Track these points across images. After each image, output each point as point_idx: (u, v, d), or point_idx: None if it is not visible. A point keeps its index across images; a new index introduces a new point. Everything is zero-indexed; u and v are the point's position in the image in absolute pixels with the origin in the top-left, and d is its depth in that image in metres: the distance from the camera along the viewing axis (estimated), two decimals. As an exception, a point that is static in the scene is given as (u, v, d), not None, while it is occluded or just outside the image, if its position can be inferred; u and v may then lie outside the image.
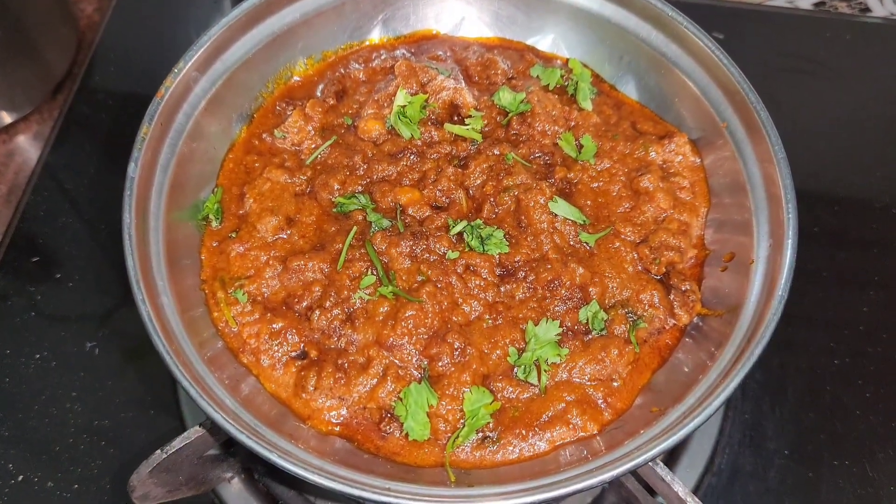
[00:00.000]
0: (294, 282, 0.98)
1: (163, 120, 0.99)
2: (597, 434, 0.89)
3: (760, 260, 0.94)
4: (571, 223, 1.01)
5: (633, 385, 0.93)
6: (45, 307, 1.27)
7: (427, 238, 0.98)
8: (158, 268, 0.92)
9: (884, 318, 1.30)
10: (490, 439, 0.88)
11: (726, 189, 1.06)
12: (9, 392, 1.20)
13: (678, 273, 1.00)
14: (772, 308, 0.86)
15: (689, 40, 1.07)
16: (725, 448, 1.18)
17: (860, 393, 1.23)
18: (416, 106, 1.09)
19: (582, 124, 1.12)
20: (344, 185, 1.05)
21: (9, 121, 1.57)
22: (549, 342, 0.92)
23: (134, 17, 1.67)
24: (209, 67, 1.08)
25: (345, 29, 1.22)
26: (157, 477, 0.91)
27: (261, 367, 0.93)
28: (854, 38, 1.64)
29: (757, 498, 1.15)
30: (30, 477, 1.13)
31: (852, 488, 1.15)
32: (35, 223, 1.43)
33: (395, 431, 0.89)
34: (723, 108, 1.07)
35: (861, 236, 1.38)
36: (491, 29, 1.26)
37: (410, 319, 0.93)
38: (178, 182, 1.02)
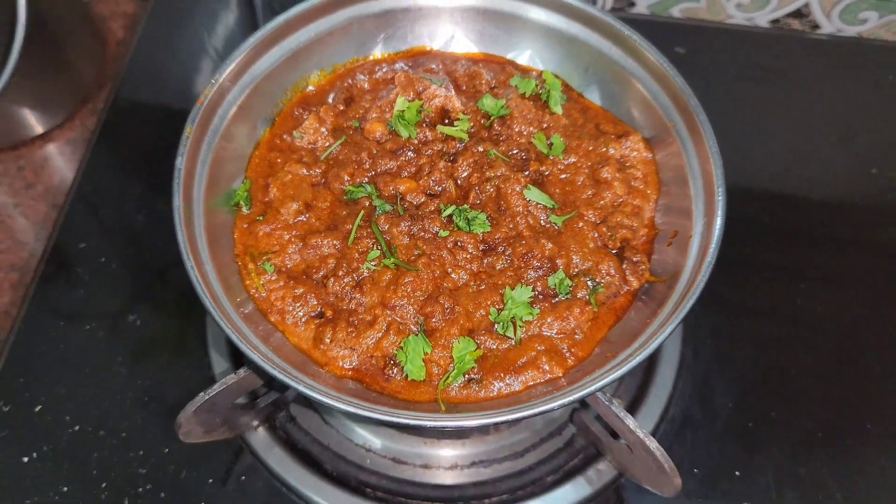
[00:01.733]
0: (312, 256, 1.09)
1: (202, 122, 1.10)
2: (561, 376, 1.01)
3: (696, 236, 1.05)
4: (543, 207, 1.12)
5: (593, 338, 1.05)
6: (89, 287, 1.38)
7: (423, 219, 1.10)
8: (202, 243, 1.04)
9: (819, 294, 1.39)
10: (474, 381, 1.00)
11: (673, 180, 1.15)
12: (63, 358, 1.29)
13: (631, 248, 1.12)
14: (702, 272, 0.98)
15: (643, 55, 1.17)
16: (679, 401, 1.27)
17: (795, 355, 1.32)
18: (412, 110, 1.19)
19: (553, 126, 1.22)
20: (353, 177, 1.16)
21: (42, 129, 1.63)
22: (523, 303, 1.03)
23: (161, 36, 1.72)
24: (239, 79, 1.17)
25: (352, 46, 1.29)
26: (199, 416, 1.02)
27: (285, 324, 1.05)
28: (805, 51, 1.72)
29: (704, 441, 1.24)
30: (84, 427, 1.23)
31: (787, 435, 1.25)
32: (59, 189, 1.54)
33: (397, 375, 1.01)
34: (670, 112, 1.15)
35: (803, 226, 1.48)
36: (476, 45, 1.33)
37: (409, 285, 1.04)
38: (214, 174, 1.12)
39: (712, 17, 1.81)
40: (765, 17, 1.78)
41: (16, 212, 1.60)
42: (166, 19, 1.75)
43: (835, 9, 1.72)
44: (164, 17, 1.75)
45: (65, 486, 1.18)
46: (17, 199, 1.61)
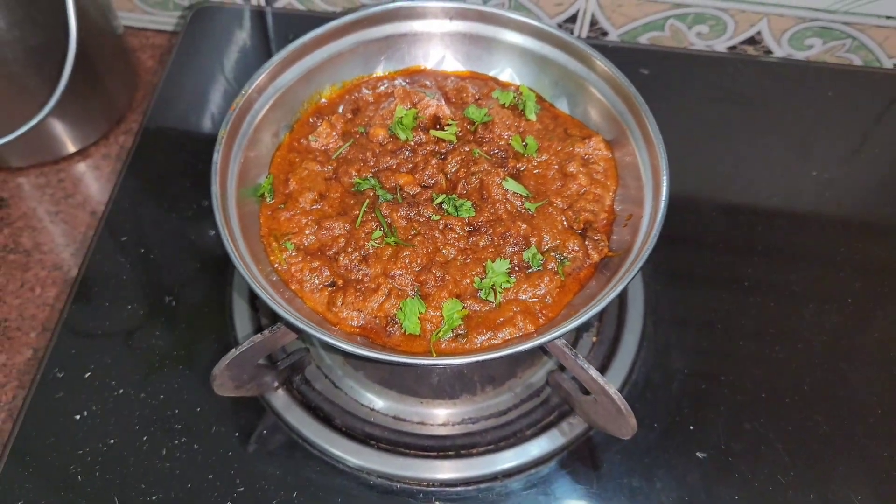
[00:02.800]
0: (325, 236, 1.20)
1: (233, 126, 1.25)
2: (534, 332, 1.12)
3: (646, 216, 1.20)
4: (519, 196, 1.23)
5: (560, 302, 1.17)
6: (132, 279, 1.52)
7: (418, 206, 1.24)
8: (235, 225, 1.19)
9: (763, 276, 1.51)
10: (461, 336, 1.12)
11: (629, 174, 1.28)
12: (109, 334, 1.40)
13: (593, 229, 1.26)
14: (648, 244, 1.13)
15: (602, 69, 1.32)
16: (641, 367, 1.39)
17: (743, 328, 1.44)
18: (409, 117, 1.31)
19: (528, 130, 1.33)
20: (359, 172, 1.27)
21: (74, 149, 1.76)
22: (502, 273, 1.16)
23: (187, 66, 1.83)
24: (263, 91, 1.29)
25: (358, 65, 1.42)
26: (231, 370, 1.13)
27: (304, 291, 1.17)
28: (758, 74, 1.84)
29: (663, 401, 1.35)
30: (128, 390, 1.34)
31: (734, 397, 1.35)
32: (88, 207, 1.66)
33: (397, 331, 1.13)
34: (626, 117, 1.28)
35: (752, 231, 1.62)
36: (463, 65, 1.46)
37: (406, 258, 1.16)
38: (243, 170, 1.25)
39: (676, 44, 1.98)
40: (723, 44, 1.91)
41: (57, 219, 1.77)
42: (193, 52, 1.86)
43: (784, 36, 1.87)
44: (191, 51, 1.86)
45: (111, 439, 1.33)
46: (59, 207, 1.79)
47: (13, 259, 1.65)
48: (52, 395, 1.38)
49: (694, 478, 1.27)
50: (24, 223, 1.70)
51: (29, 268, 1.64)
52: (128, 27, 2.12)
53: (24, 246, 1.67)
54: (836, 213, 1.63)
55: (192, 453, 1.28)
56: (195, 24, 1.90)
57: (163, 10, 2.02)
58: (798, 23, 1.82)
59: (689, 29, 1.88)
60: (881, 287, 1.51)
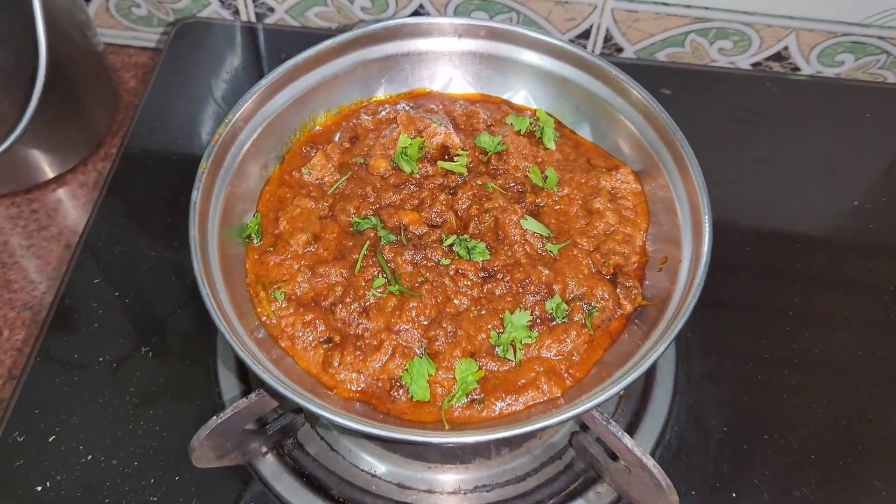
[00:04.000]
0: (320, 284, 1.13)
1: (216, 160, 1.15)
2: (560, 396, 1.04)
3: (685, 262, 1.10)
4: (539, 236, 1.16)
5: (589, 359, 1.08)
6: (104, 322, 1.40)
7: (425, 249, 1.14)
8: (216, 273, 1.08)
9: (806, 318, 1.42)
10: (477, 401, 1.03)
11: (662, 210, 1.20)
12: (79, 388, 1.30)
13: (624, 273, 1.16)
14: (691, 295, 1.03)
15: (630, 93, 1.22)
16: (674, 426, 1.27)
17: (785, 380, 1.34)
18: (414, 147, 1.24)
19: (547, 160, 1.27)
20: (358, 210, 1.20)
21: (56, 173, 1.67)
22: (522, 327, 1.07)
23: (172, 87, 1.76)
24: (251, 119, 1.21)
25: (356, 88, 1.34)
26: (212, 440, 1.03)
27: (295, 349, 1.08)
28: (785, 92, 1.76)
29: (700, 465, 1.24)
30: (97, 457, 1.23)
31: (779, 457, 1.25)
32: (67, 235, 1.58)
33: (403, 396, 1.04)
34: (657, 146, 1.20)
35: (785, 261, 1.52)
36: (473, 87, 1.38)
37: (413, 310, 1.07)
38: (227, 208, 1.16)
39: (696, 61, 1.88)
40: (746, 61, 1.83)
41: (29, 253, 1.65)
42: (177, 71, 1.79)
43: (813, 51, 1.79)
44: (175, 69, 1.79)
45: None
46: (31, 240, 1.66)
47: (-21, 298, 1.54)
48: (12, 462, 1.24)
49: (739, 555, 1.17)
50: (-7, 258, 1.58)
51: (-4, 308, 1.52)
52: (109, 44, 2.04)
53: (-8, 284, 1.56)
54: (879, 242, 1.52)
55: (169, 531, 1.17)
56: (180, 40, 1.82)
57: (146, 27, 1.94)
58: (828, 38, 1.74)
59: (711, 45, 1.81)
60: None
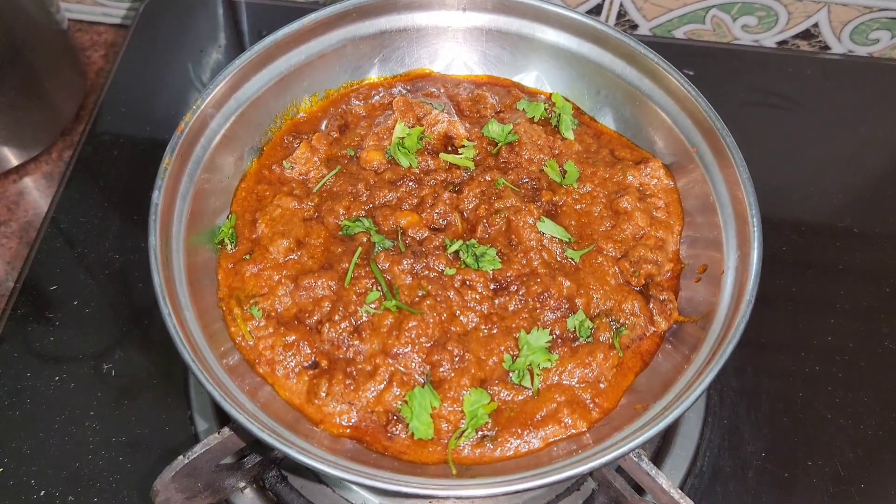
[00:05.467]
0: (304, 298, 1.01)
1: (182, 152, 1.03)
2: (586, 431, 0.93)
3: (730, 270, 0.99)
4: (558, 241, 1.06)
5: (619, 386, 0.97)
6: (62, 333, 1.29)
7: (426, 256, 1.02)
8: (181, 286, 0.96)
9: (850, 328, 1.34)
10: (488, 437, 0.92)
11: (698, 208, 1.10)
12: (30, 413, 1.21)
13: (656, 284, 1.05)
14: (740, 312, 0.91)
15: (660, 74, 1.13)
16: (707, 451, 1.21)
17: (830, 398, 1.26)
18: (413, 137, 1.14)
19: (565, 152, 1.17)
20: (349, 211, 1.09)
21: (17, 162, 1.60)
22: (541, 348, 0.96)
23: (141, 65, 1.67)
24: (223, 105, 1.11)
25: (346, 69, 1.25)
26: (179, 482, 0.93)
27: (275, 376, 0.97)
28: (814, 73, 1.71)
29: (737, 497, 1.17)
30: (51, 492, 1.13)
31: (825, 487, 1.18)
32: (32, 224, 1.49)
33: (401, 432, 0.93)
34: (692, 136, 1.12)
35: (825, 255, 1.43)
36: (480, 67, 1.30)
37: (413, 330, 0.96)
38: (196, 209, 1.05)
39: (718, 39, 1.80)
40: (772, 39, 1.78)
41: None
42: (147, 48, 1.71)
43: (845, 29, 1.71)
44: (144, 46, 1.71)
45: None
46: None
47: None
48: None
49: None
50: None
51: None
52: (75, 21, 1.92)
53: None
54: None
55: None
56: (150, 16, 1.73)
57: (115, 1, 1.85)
58: (863, 13, 1.67)
59: (735, 21, 1.74)
60: None
